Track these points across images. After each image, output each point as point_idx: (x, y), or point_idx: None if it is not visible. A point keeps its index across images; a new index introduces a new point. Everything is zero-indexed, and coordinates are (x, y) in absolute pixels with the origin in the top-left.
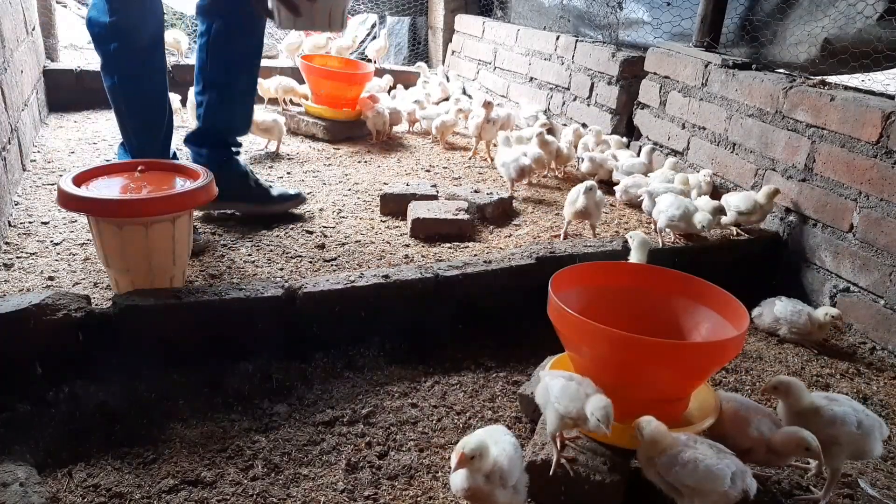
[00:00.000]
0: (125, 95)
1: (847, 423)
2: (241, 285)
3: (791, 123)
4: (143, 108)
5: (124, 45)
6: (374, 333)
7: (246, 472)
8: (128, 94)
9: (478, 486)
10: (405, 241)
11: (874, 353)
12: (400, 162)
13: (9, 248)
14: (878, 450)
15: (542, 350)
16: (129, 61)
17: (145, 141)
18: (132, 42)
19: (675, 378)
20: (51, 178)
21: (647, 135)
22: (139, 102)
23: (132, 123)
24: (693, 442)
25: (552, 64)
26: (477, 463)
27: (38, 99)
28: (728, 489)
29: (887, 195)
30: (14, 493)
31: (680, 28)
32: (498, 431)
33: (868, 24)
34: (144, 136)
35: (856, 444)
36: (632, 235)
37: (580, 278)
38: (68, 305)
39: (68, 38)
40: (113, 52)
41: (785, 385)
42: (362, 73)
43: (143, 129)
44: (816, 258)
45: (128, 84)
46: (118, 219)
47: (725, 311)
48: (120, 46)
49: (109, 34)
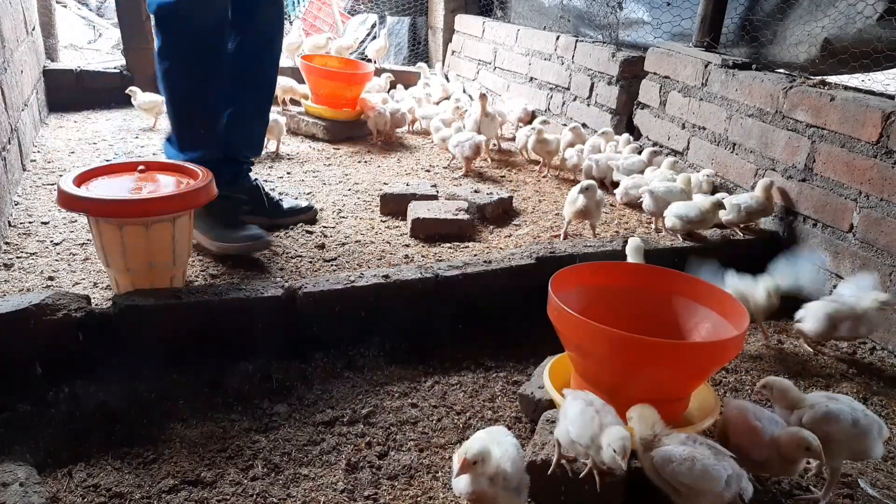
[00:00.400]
0: (183, 81)
1: (842, 419)
2: (241, 285)
3: (791, 123)
4: (203, 96)
5: (189, 25)
6: (374, 333)
7: (246, 472)
8: (187, 79)
9: (482, 490)
10: (405, 241)
11: (874, 353)
12: (400, 162)
13: (9, 248)
14: (877, 450)
15: (542, 350)
16: (192, 43)
17: (204, 133)
18: (197, 22)
19: (675, 378)
20: (51, 178)
21: (647, 135)
22: (200, 89)
23: (186, 113)
24: (692, 441)
25: (552, 64)
26: (479, 468)
27: (38, 99)
28: (722, 490)
29: (887, 195)
30: (14, 493)
31: (680, 28)
32: (500, 433)
33: (868, 24)
34: (204, 126)
35: (853, 442)
36: (628, 241)
37: (580, 278)
38: (68, 305)
39: (68, 38)
40: (175, 33)
41: (771, 385)
42: (362, 73)
43: (198, 120)
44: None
45: (188, 68)
46: (118, 219)
47: (725, 311)
48: (184, 26)
49: (175, 12)
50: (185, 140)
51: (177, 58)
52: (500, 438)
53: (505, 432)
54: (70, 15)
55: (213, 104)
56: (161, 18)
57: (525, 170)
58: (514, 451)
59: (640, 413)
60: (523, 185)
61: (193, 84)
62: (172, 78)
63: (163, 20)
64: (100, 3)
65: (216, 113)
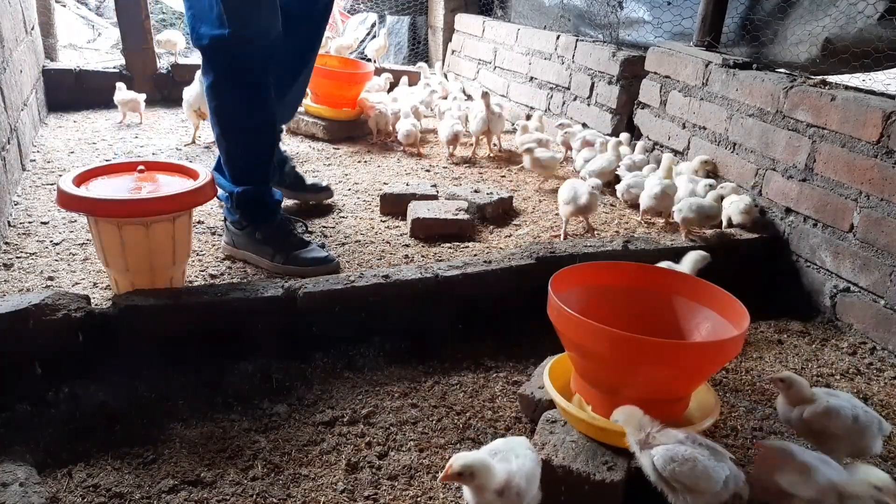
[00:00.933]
0: (238, 118)
1: (843, 415)
2: (241, 285)
3: (791, 123)
4: (260, 130)
5: (243, 59)
6: (374, 333)
7: (246, 472)
8: (243, 115)
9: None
10: (405, 241)
11: (874, 353)
12: (400, 162)
13: (9, 248)
14: (877, 447)
15: (542, 350)
16: (242, 77)
17: (258, 166)
18: (251, 55)
19: (675, 378)
20: (50, 178)
21: (647, 134)
22: (257, 122)
23: (243, 149)
24: (691, 441)
25: (552, 63)
26: (469, 480)
27: (37, 99)
28: (720, 490)
29: (887, 195)
30: (14, 493)
31: (680, 27)
32: (520, 445)
33: (869, 24)
34: (259, 160)
35: (853, 438)
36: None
37: (580, 278)
38: (68, 305)
39: (68, 38)
40: (226, 67)
41: (790, 381)
42: (362, 72)
43: (257, 153)
44: (816, 258)
45: (243, 104)
46: (118, 219)
47: (725, 311)
48: (238, 60)
49: (227, 47)
50: (234, 173)
51: (228, 93)
52: (520, 451)
53: (526, 445)
54: (69, 14)
55: (271, 142)
56: (213, 52)
57: (525, 170)
58: (531, 466)
59: (626, 415)
60: (523, 185)
61: (245, 118)
62: (225, 113)
63: (215, 54)
64: (99, 2)
65: (271, 144)
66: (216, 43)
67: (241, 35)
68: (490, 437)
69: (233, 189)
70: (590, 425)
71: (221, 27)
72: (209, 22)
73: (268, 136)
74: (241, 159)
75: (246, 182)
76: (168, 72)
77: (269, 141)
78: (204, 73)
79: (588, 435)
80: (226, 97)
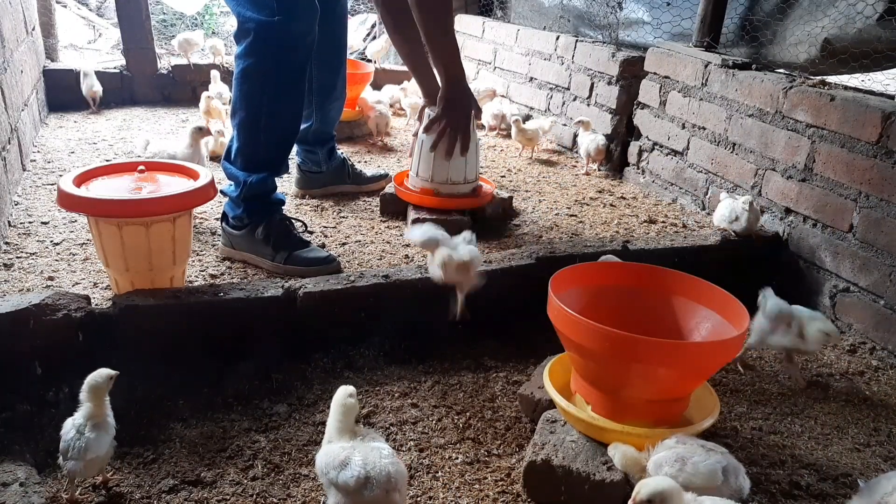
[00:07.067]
0: (273, 103)
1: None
2: (241, 285)
3: (791, 123)
4: (291, 118)
5: (289, 46)
6: (373, 333)
7: (246, 472)
8: (278, 100)
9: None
10: (405, 241)
11: (874, 353)
12: (400, 162)
13: (9, 248)
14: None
15: (542, 350)
16: (288, 65)
17: (277, 156)
18: (297, 42)
19: (675, 378)
20: (51, 178)
21: (646, 135)
22: (292, 110)
23: (267, 135)
24: (682, 444)
25: (552, 64)
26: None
27: (37, 99)
28: (720, 485)
29: (887, 195)
30: (14, 493)
31: (680, 28)
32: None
33: (868, 24)
34: (279, 151)
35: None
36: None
37: (580, 278)
38: (68, 305)
39: (68, 38)
40: (275, 55)
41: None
42: (362, 73)
43: (279, 143)
44: (816, 258)
45: (280, 89)
46: (118, 219)
47: (725, 311)
48: (282, 49)
49: (274, 35)
50: (250, 161)
51: (268, 78)
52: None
53: None
54: (70, 15)
55: (295, 133)
56: (259, 37)
57: (525, 170)
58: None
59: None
60: (523, 184)
61: (277, 103)
62: (256, 98)
63: (260, 39)
64: (100, 3)
65: (295, 133)
66: (263, 30)
67: (289, 23)
68: (490, 436)
69: (246, 178)
70: (590, 425)
71: (270, 14)
72: (257, 7)
73: (295, 126)
74: (262, 146)
75: (262, 170)
76: (168, 72)
77: (295, 130)
78: (239, 57)
79: (588, 435)
80: (265, 81)
